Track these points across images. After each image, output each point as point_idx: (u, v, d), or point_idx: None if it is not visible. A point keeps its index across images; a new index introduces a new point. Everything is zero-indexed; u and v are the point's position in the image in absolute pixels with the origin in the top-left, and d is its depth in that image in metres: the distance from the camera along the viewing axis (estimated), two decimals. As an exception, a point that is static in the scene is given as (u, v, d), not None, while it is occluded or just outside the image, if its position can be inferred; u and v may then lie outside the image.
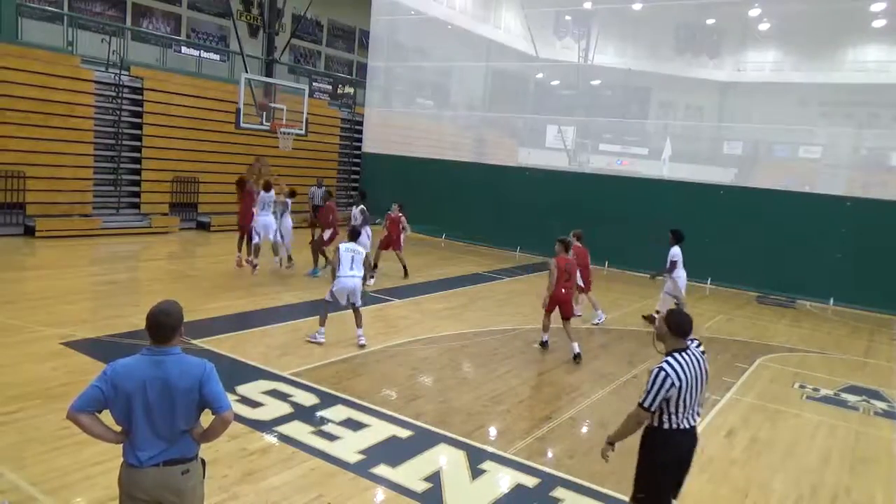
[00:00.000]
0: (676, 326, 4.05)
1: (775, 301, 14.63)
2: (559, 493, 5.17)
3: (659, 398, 3.88)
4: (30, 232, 14.43)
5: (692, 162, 18.35)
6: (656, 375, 3.89)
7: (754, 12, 17.90)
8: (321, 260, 12.84)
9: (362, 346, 8.52)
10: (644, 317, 11.68)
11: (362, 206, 12.57)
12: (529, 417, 6.77)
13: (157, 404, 3.08)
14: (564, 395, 7.45)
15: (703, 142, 19.55)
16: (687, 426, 4.02)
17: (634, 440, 4.16)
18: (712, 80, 19.11)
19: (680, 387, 3.87)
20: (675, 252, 10.87)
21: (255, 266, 12.22)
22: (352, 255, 8.35)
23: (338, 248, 8.45)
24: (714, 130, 19.37)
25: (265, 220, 12.28)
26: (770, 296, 14.91)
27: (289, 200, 13.03)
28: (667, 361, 3.94)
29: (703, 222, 15.64)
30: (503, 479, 5.32)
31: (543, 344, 9.25)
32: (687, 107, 20.79)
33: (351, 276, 8.31)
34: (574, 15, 20.96)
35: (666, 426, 3.99)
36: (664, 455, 4.06)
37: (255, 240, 12.23)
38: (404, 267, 13.43)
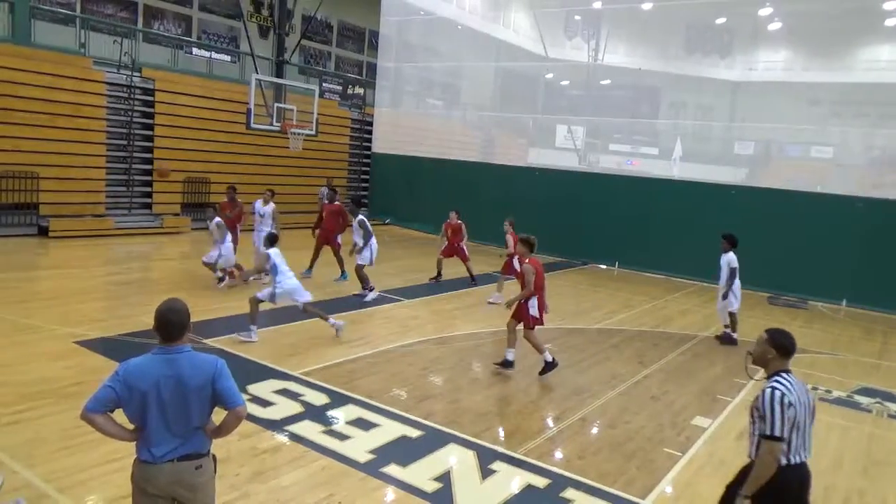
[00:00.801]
0: (782, 348, 3.60)
1: (787, 302, 14.53)
2: (569, 493, 5.16)
3: (787, 422, 3.36)
4: (43, 232, 14.56)
5: (703, 162, 18.27)
6: (772, 397, 3.38)
7: (765, 11, 17.80)
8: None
9: (339, 331, 8.68)
10: (717, 337, 10.61)
11: (361, 216, 11.55)
12: (539, 418, 6.76)
13: (171, 402, 3.12)
14: (574, 396, 7.44)
15: (713, 141, 19.47)
16: (802, 459, 3.50)
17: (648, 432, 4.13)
18: (723, 79, 19.03)
19: (795, 406, 3.41)
20: (733, 258, 10.45)
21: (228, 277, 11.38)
22: (285, 258, 8.51)
23: (269, 256, 8.38)
24: (725, 130, 19.27)
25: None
26: (782, 297, 14.81)
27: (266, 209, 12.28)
28: (776, 381, 3.47)
29: (713, 223, 15.53)
30: (513, 480, 5.32)
31: (507, 364, 7.94)
32: (697, 106, 20.71)
33: (290, 277, 8.47)
34: (584, 15, 20.92)
35: (784, 462, 3.43)
36: (788, 499, 3.48)
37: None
38: (471, 275, 13.31)
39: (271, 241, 8.76)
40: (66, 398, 6.01)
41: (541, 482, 5.30)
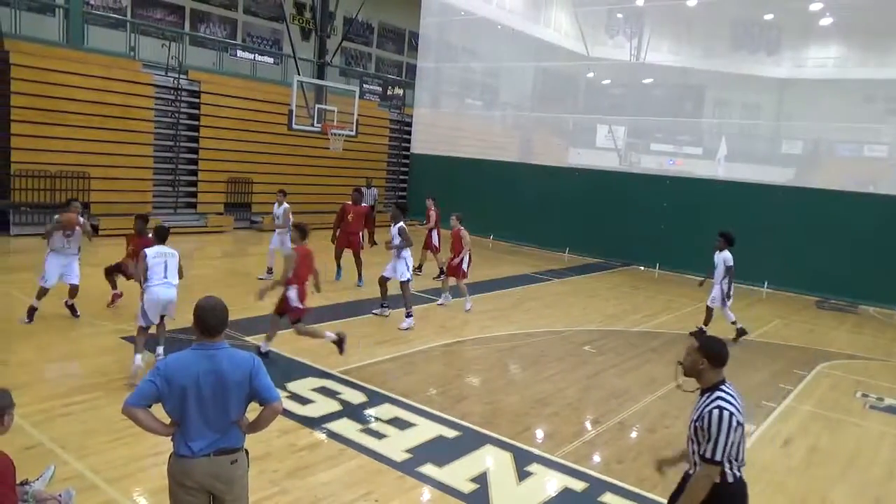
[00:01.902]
0: (717, 357, 3.37)
1: (836, 306, 14.08)
2: (607, 498, 5.10)
3: (729, 445, 3.21)
4: (93, 230, 14.97)
5: (749, 162, 17.81)
6: (719, 418, 3.20)
7: (816, 6, 17.25)
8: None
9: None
10: (692, 333, 10.20)
11: (402, 223, 9.81)
12: (577, 421, 6.69)
13: (210, 397, 3.18)
14: (613, 399, 7.34)
15: (760, 141, 18.96)
16: (741, 474, 3.38)
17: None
18: (770, 77, 18.50)
19: (742, 424, 3.28)
20: (728, 256, 10.27)
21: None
22: (164, 261, 6.88)
23: (144, 255, 6.85)
24: (772, 129, 18.76)
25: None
26: (830, 300, 14.36)
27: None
28: (720, 398, 3.29)
29: (759, 224, 15.17)
30: (550, 483, 5.28)
31: (261, 354, 7.17)
32: (743, 105, 20.19)
33: (165, 283, 6.86)
34: (626, 13, 20.61)
35: (730, 478, 3.31)
36: None
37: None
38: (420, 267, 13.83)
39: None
40: (114, 392, 6.20)
41: (578, 486, 5.25)
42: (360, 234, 12.28)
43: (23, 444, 4.97)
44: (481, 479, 5.19)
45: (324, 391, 6.77)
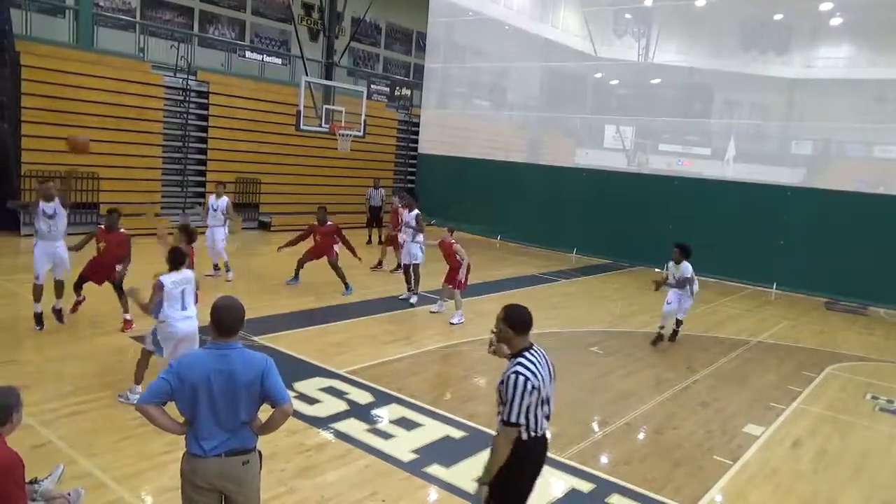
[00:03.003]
0: (518, 323, 3.62)
1: (845, 307, 13.98)
2: (614, 499, 5.08)
3: (524, 408, 3.43)
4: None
5: (758, 162, 17.72)
6: (514, 383, 3.42)
7: (826, 6, 17.14)
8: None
9: None
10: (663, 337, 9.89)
11: (417, 211, 11.26)
12: (584, 422, 6.68)
13: (221, 396, 3.18)
14: (620, 400, 7.32)
15: (769, 141, 18.86)
16: (542, 432, 3.59)
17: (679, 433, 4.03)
18: (780, 77, 18.39)
19: (539, 388, 3.48)
20: (688, 267, 9.99)
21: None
22: (182, 289, 6.04)
23: (161, 284, 5.91)
24: (781, 129, 18.64)
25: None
26: (840, 302, 14.26)
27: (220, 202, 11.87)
28: (520, 363, 3.49)
29: (768, 224, 15.09)
30: (557, 484, 5.27)
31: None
32: (752, 105, 20.09)
33: (186, 317, 6.02)
34: (634, 13, 20.56)
35: (525, 436, 3.50)
36: (524, 469, 3.60)
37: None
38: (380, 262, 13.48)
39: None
40: (123, 391, 6.22)
41: (585, 486, 5.24)
42: (333, 246, 11.22)
43: (32, 442, 5.01)
44: (488, 480, 5.19)
45: (331, 391, 6.78)
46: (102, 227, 8.47)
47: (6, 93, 13.68)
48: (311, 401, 6.48)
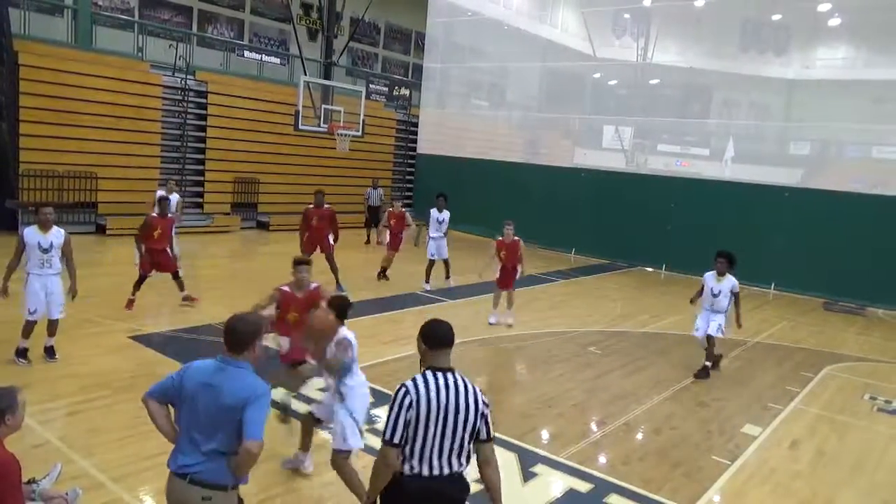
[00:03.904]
0: (428, 338, 3.12)
1: (843, 308, 14.00)
2: (613, 499, 5.09)
3: (398, 426, 2.95)
4: (101, 230, 15.13)
5: (756, 163, 17.74)
6: (395, 393, 3.00)
7: (824, 7, 17.19)
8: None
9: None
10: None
11: (447, 210, 12.79)
12: (583, 422, 6.68)
13: (203, 412, 3.01)
14: (619, 400, 7.32)
15: (767, 142, 18.90)
16: (432, 473, 3.02)
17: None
18: (778, 77, 18.44)
19: (419, 410, 2.94)
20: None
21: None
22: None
23: (349, 341, 4.73)
24: (780, 130, 18.69)
25: None
26: (838, 302, 14.27)
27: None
28: (415, 377, 3.06)
29: (767, 225, 15.11)
30: (555, 484, 5.27)
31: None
32: (751, 106, 20.14)
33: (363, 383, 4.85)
34: (633, 13, 20.58)
35: (406, 470, 3.02)
36: None
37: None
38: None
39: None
40: (121, 391, 6.22)
41: (583, 487, 5.24)
42: (328, 236, 11.35)
43: (30, 442, 5.00)
44: (486, 480, 5.18)
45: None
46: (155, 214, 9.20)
47: (5, 92, 13.65)
48: (310, 401, 6.46)
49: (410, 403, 2.96)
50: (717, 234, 15.42)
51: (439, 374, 3.07)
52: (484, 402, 3.14)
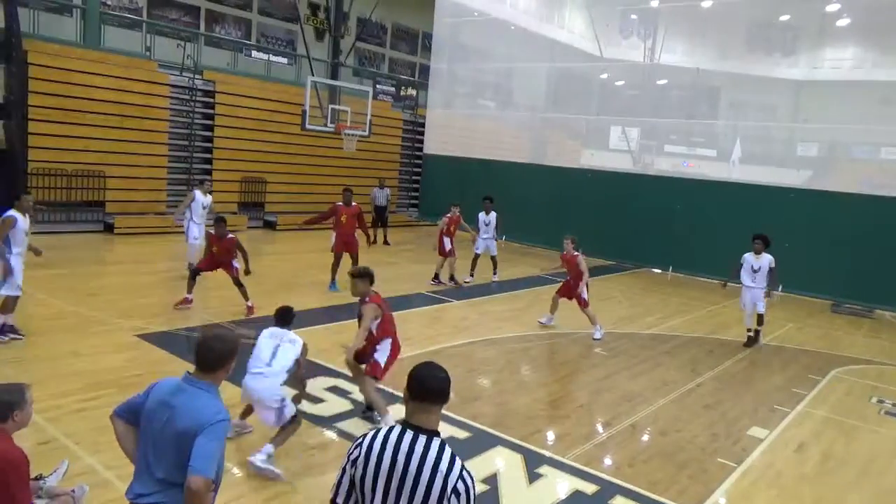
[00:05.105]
0: (410, 387, 2.60)
1: (851, 310, 13.92)
2: (618, 501, 5.07)
3: (344, 483, 2.55)
4: (109, 229, 15.20)
5: (763, 164, 17.64)
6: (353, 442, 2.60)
7: (832, 7, 17.08)
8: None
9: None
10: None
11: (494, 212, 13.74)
12: (588, 423, 6.67)
13: (158, 435, 2.75)
14: (625, 402, 7.30)
15: (775, 143, 18.80)
16: None
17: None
18: (786, 78, 18.33)
19: (365, 470, 2.48)
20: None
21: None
22: (275, 344, 5.27)
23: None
24: (787, 131, 18.58)
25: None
26: (846, 304, 14.20)
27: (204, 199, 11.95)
28: (376, 430, 2.58)
29: (774, 226, 14.98)
30: (561, 485, 5.26)
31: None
32: (758, 107, 20.03)
33: (257, 372, 5.03)
34: (640, 13, 20.51)
35: None
36: None
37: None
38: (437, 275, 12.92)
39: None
40: (126, 388, 6.22)
41: (589, 488, 5.23)
42: (356, 235, 11.56)
43: (37, 439, 5.03)
44: (492, 481, 5.19)
45: (335, 390, 6.79)
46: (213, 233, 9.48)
47: (13, 91, 13.75)
48: (316, 400, 6.48)
49: (355, 460, 2.52)
50: (723, 235, 15.39)
51: (407, 432, 2.51)
52: (462, 483, 2.54)
